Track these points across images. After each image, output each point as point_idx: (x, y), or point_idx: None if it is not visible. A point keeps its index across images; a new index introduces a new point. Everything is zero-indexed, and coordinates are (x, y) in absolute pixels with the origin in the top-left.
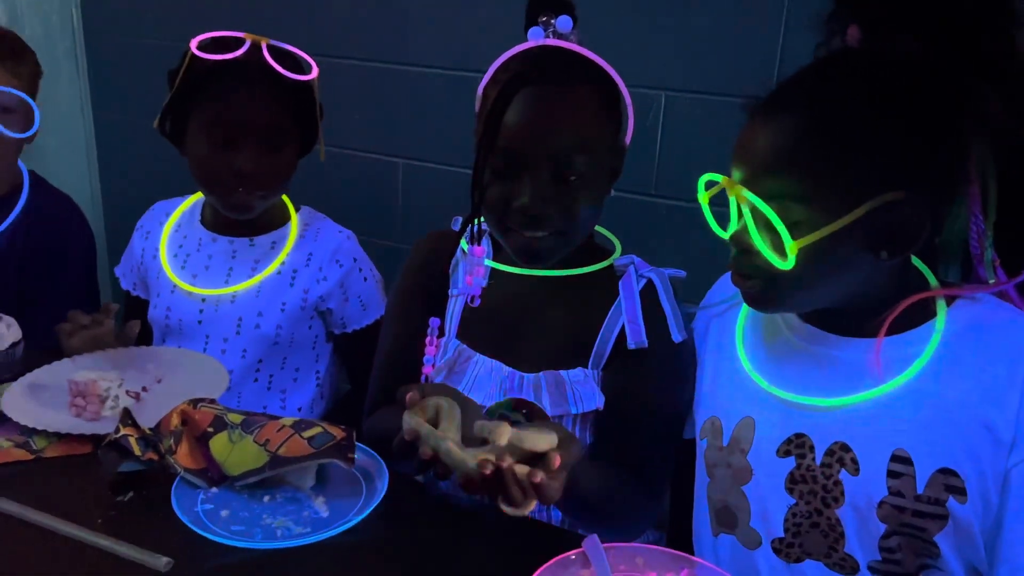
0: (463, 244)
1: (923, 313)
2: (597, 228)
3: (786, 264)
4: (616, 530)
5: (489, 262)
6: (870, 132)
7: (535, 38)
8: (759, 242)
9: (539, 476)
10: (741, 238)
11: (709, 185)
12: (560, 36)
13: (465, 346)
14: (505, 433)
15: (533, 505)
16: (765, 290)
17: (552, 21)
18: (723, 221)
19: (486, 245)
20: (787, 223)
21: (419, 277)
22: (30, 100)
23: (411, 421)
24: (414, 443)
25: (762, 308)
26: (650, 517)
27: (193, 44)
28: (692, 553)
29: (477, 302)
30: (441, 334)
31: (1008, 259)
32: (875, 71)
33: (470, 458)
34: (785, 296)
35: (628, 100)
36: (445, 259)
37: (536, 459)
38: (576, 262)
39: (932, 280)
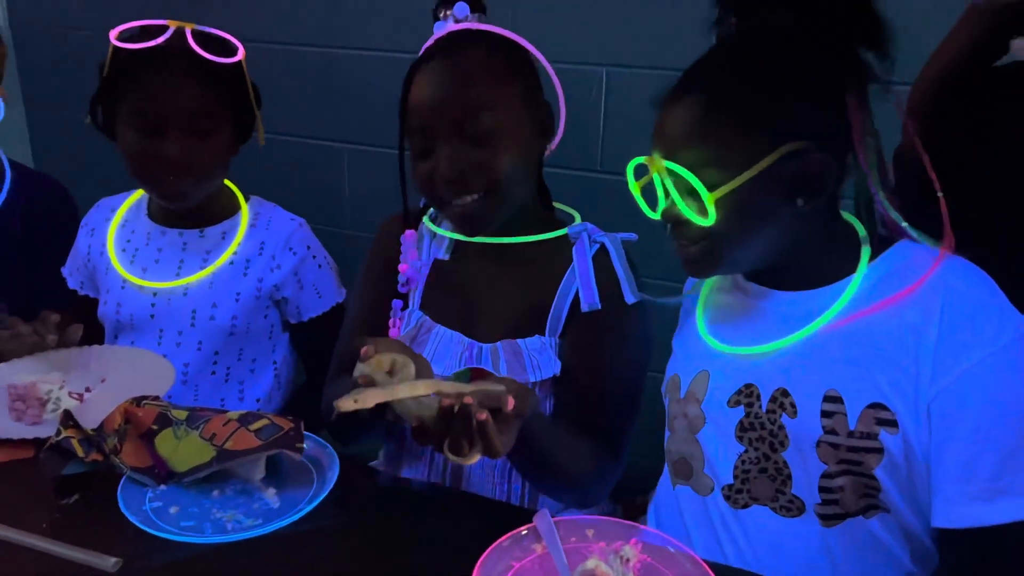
0: (426, 220)
1: (852, 265)
2: (557, 204)
3: (708, 219)
4: (576, 491)
5: (447, 232)
6: (756, 98)
7: (438, 31)
8: (683, 208)
9: (484, 414)
10: (670, 211)
11: (637, 172)
12: (460, 22)
13: (427, 317)
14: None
15: (478, 456)
16: (705, 252)
17: (450, 12)
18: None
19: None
20: (706, 186)
21: (384, 256)
22: None
23: (365, 368)
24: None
25: (703, 271)
26: (612, 478)
27: (113, 34)
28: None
29: (414, 284)
30: (405, 306)
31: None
32: (751, 46)
33: (424, 408)
34: (722, 254)
35: (540, 57)
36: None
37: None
38: (534, 233)
39: (861, 231)
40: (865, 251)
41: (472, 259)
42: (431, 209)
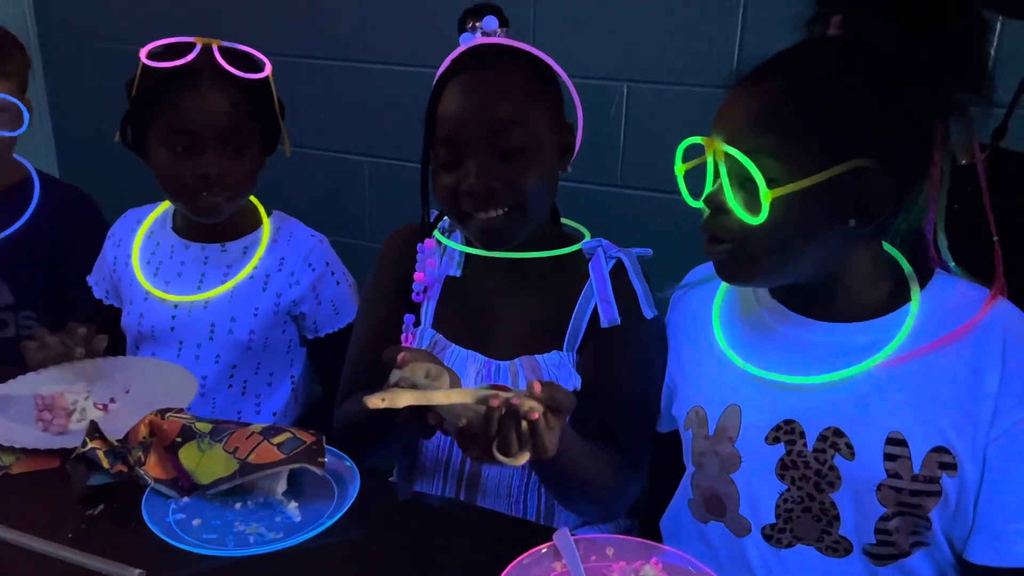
0: (437, 234)
1: (898, 299)
2: (565, 221)
3: (758, 218)
4: (599, 504)
5: (460, 246)
6: (845, 100)
7: (466, 43)
8: (731, 199)
9: (537, 413)
10: (716, 197)
11: (687, 153)
12: (488, 35)
13: (441, 336)
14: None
15: (526, 457)
16: (735, 254)
17: (478, 24)
18: (695, 196)
19: (458, 237)
20: (765, 179)
21: (392, 269)
22: (17, 102)
23: (403, 373)
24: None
25: (734, 276)
26: (633, 492)
27: (143, 53)
28: (661, 540)
29: (432, 293)
30: (417, 323)
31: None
32: (853, 48)
33: (469, 410)
34: (756, 260)
35: (566, 78)
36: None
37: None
38: (546, 248)
39: (906, 267)
40: (915, 287)
41: (485, 275)
42: (440, 223)
